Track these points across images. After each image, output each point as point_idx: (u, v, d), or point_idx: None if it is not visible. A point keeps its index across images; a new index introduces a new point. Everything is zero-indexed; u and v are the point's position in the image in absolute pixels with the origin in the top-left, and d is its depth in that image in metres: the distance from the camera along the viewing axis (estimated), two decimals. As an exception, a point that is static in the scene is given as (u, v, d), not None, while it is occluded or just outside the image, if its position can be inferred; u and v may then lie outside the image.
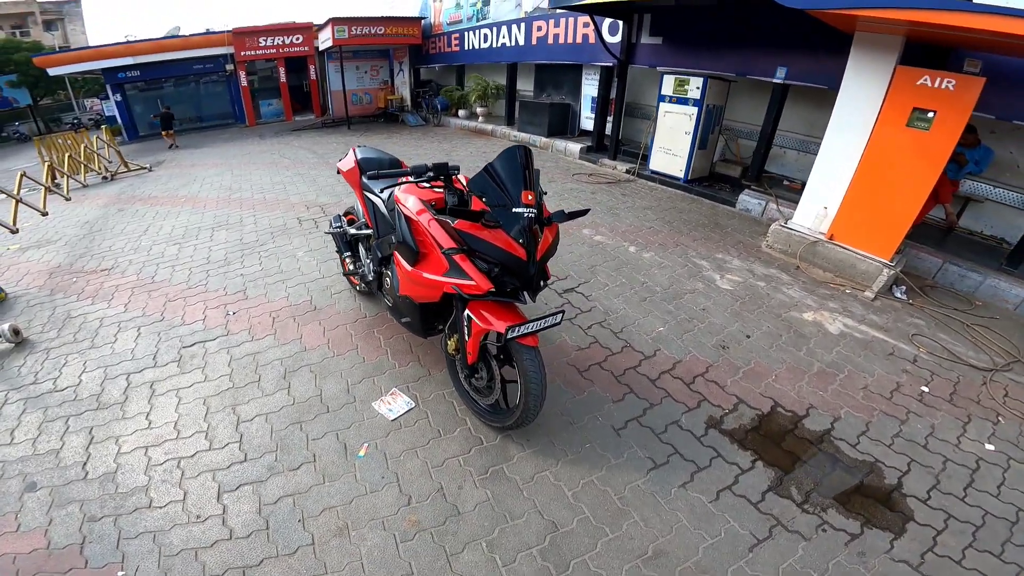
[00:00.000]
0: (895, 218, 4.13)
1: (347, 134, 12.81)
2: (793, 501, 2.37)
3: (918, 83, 3.91)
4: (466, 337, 2.39)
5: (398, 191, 2.71)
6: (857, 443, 2.76)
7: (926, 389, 3.27)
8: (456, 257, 2.20)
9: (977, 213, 5.44)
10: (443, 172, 2.44)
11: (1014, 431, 3.01)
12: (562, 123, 10.06)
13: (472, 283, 2.17)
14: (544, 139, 9.66)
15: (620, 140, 8.36)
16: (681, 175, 6.98)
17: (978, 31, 3.22)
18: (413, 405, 2.89)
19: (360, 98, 15.54)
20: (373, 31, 13.10)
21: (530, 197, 2.08)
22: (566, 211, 2.28)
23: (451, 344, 2.61)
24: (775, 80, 6.04)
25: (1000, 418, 3.10)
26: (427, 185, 2.67)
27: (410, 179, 2.54)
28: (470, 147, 10.24)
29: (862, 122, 4.26)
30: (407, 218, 2.50)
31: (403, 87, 15.35)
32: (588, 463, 2.52)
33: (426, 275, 2.39)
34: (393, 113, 14.81)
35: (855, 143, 4.31)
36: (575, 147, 8.92)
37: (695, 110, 6.58)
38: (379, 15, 13.60)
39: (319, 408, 2.90)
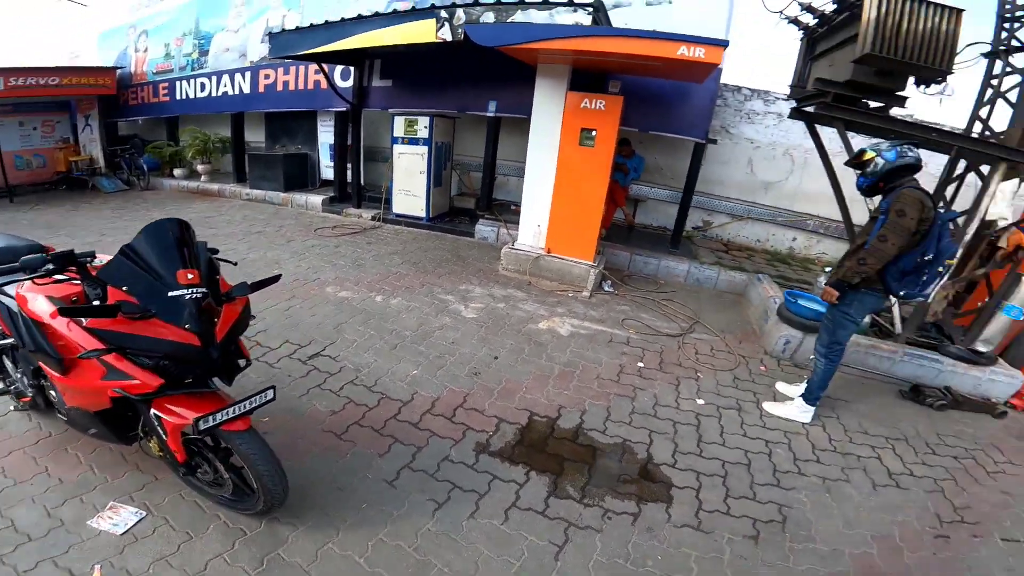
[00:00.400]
0: (587, 225, 4.85)
1: (9, 209, 9.81)
2: (574, 500, 2.47)
3: (582, 106, 4.62)
4: (164, 436, 1.99)
5: (22, 290, 2.16)
6: (605, 429, 3.02)
7: (642, 364, 3.81)
8: (108, 358, 1.82)
9: (645, 210, 6.89)
10: (69, 262, 1.92)
11: (712, 383, 3.68)
12: (301, 175, 9.44)
13: (137, 383, 1.81)
14: (283, 194, 8.92)
15: (364, 186, 8.23)
16: (423, 215, 7.15)
17: (606, 53, 3.93)
18: (143, 514, 2.28)
19: (28, 161, 12.12)
20: (44, 82, 10.36)
21: (190, 276, 1.83)
22: (249, 282, 2.05)
23: (154, 447, 2.17)
24: (488, 114, 6.67)
25: (699, 374, 3.77)
26: (63, 277, 2.11)
27: (24, 275, 1.97)
28: (190, 211, 8.72)
29: (551, 144, 4.87)
30: (38, 322, 2.02)
31: (92, 145, 12.53)
32: (370, 523, 2.29)
33: (84, 382, 1.96)
34: (81, 177, 11.91)
35: (548, 165, 4.92)
36: (317, 199, 8.45)
37: (425, 149, 6.83)
38: (54, 65, 10.87)
39: (17, 538, 2.13)
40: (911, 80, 3.68)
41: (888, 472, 3.01)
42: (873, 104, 3.92)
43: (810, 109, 4.13)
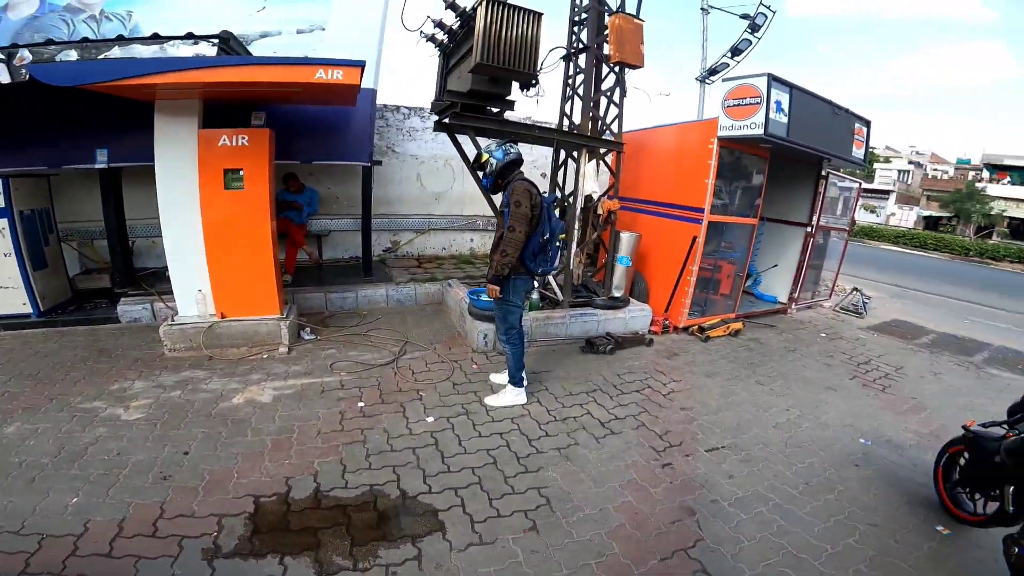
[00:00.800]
0: (262, 276, 4.28)
1: None
2: (348, 569, 2.22)
3: (220, 144, 4.04)
4: None
5: None
6: (346, 482, 2.73)
7: (363, 404, 3.57)
8: None
9: (332, 244, 6.63)
10: None
11: (435, 397, 3.67)
12: None
13: None
14: None
15: (-95, 291, 5.48)
16: (29, 310, 5.16)
17: (236, 84, 3.57)
18: None
19: None
20: None
21: None
22: None
23: None
24: (98, 166, 5.23)
25: (421, 393, 3.72)
26: None
27: None
28: None
29: (188, 193, 4.11)
30: None
31: None
32: None
33: None
34: None
35: (191, 217, 4.15)
36: None
37: (4, 221, 4.90)
38: None
39: None
40: (516, 85, 4.24)
41: (600, 423, 3.51)
42: (495, 110, 4.45)
43: (447, 120, 4.47)
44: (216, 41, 4.16)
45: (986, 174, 34.88)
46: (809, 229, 6.69)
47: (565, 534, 2.44)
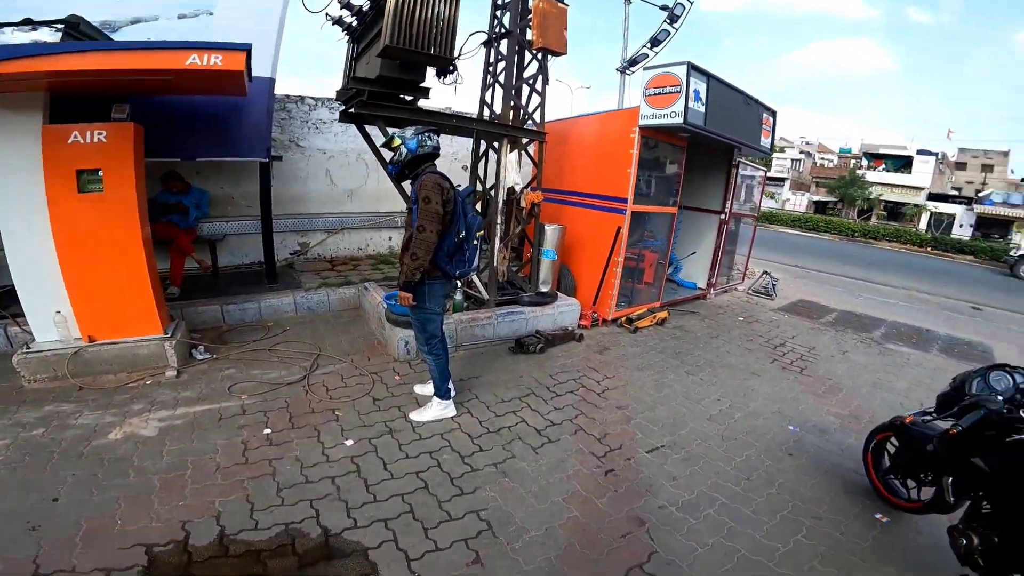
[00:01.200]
0: (136, 290, 3.68)
1: None
2: None
3: (70, 141, 3.41)
4: None
5: None
6: (256, 523, 2.38)
7: (269, 430, 3.15)
8: None
9: (230, 249, 5.94)
10: None
11: (354, 417, 3.30)
12: None
13: None
14: None
15: None
16: None
17: (82, 72, 3.00)
18: None
19: None
20: None
21: None
22: None
23: None
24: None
25: (337, 413, 3.34)
26: None
27: None
28: None
29: (34, 200, 3.42)
30: None
31: None
32: None
33: None
34: None
35: (39, 228, 3.45)
36: None
37: None
38: None
39: None
40: (432, 71, 3.92)
41: (536, 431, 3.31)
42: (409, 98, 4.10)
43: (353, 110, 4.07)
44: (61, 27, 3.49)
45: (865, 162, 38.95)
46: (723, 216, 6.94)
47: (512, 563, 2.22)
